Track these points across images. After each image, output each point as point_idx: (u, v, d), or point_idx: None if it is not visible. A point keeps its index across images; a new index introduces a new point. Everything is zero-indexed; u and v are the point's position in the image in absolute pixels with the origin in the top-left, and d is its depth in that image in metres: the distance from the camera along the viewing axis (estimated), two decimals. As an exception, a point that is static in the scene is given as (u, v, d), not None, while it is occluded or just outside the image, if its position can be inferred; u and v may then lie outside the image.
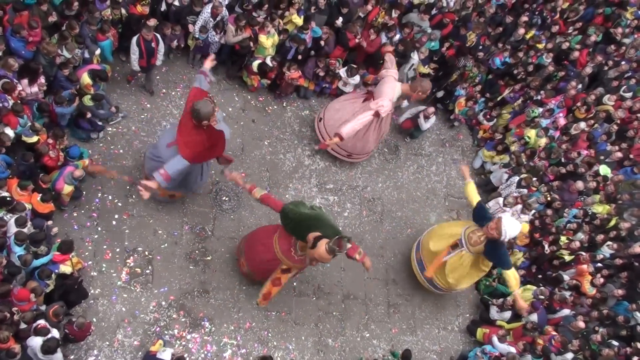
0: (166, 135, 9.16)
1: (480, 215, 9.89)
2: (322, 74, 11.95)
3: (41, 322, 8.28)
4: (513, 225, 9.36)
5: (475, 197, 10.07)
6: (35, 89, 9.45)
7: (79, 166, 9.42)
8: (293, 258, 8.79)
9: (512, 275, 9.88)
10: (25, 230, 8.61)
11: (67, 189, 9.31)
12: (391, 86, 10.63)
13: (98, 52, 10.33)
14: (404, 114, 12.71)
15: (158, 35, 10.46)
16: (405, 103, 12.47)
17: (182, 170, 8.63)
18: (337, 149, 11.58)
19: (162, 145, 9.03)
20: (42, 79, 9.49)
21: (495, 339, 10.48)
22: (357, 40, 11.70)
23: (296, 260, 8.79)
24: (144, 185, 8.54)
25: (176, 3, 10.72)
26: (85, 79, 9.84)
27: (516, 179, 11.84)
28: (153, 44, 10.37)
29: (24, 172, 9.19)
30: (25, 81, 9.30)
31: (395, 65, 10.78)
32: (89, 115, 10.07)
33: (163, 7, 10.82)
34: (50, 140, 9.48)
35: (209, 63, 8.85)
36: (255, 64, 11.34)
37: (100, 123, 10.43)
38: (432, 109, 12.22)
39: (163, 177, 8.51)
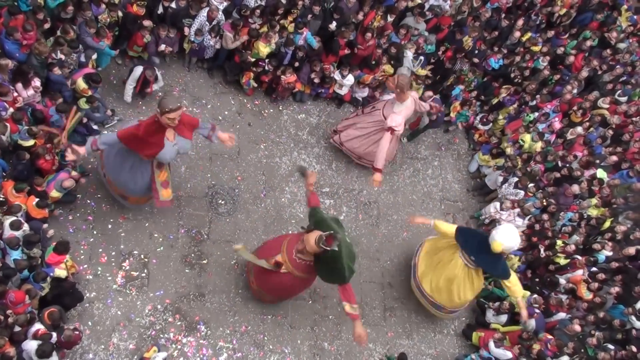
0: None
1: (465, 238, 9.88)
2: (317, 80, 11.96)
3: (40, 327, 8.26)
4: (511, 237, 9.34)
5: (449, 227, 10.05)
6: (30, 91, 9.45)
7: (70, 171, 9.39)
8: (291, 256, 8.82)
9: (516, 282, 9.85)
10: (18, 233, 8.59)
11: (54, 194, 9.30)
12: (403, 110, 10.86)
13: (95, 56, 10.34)
14: None
15: (158, 74, 10.76)
16: (425, 120, 12.41)
17: (111, 143, 8.55)
18: (349, 152, 11.84)
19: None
20: (36, 82, 9.48)
21: (491, 343, 10.46)
22: (346, 52, 11.81)
23: (292, 259, 8.81)
24: (73, 149, 8.51)
25: (173, 5, 10.73)
26: (81, 84, 9.85)
27: (514, 179, 11.86)
28: (150, 80, 10.65)
29: (21, 171, 9.17)
30: (19, 85, 9.29)
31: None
32: (84, 120, 10.07)
33: (160, 10, 10.83)
34: (48, 145, 9.45)
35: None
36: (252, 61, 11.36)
37: (95, 127, 10.43)
38: (429, 93, 12.12)
39: (91, 143, 8.51)
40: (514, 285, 9.88)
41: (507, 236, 9.41)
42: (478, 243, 9.82)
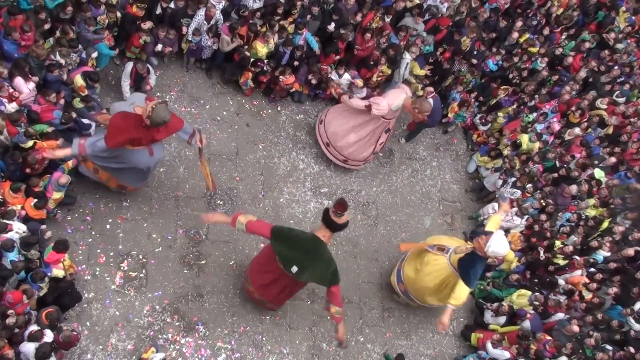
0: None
1: (477, 233, 9.76)
2: (314, 82, 11.95)
3: (34, 327, 8.25)
4: (500, 243, 9.05)
5: (494, 227, 9.62)
6: (31, 85, 9.41)
7: (64, 170, 9.37)
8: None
9: (464, 292, 9.44)
10: (11, 235, 8.56)
11: (56, 195, 9.28)
12: (396, 93, 10.80)
13: (95, 55, 10.33)
14: None
15: (150, 67, 10.79)
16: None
17: (101, 151, 8.62)
18: (335, 153, 11.66)
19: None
20: (34, 78, 9.48)
21: (489, 345, 10.45)
22: (343, 55, 11.86)
23: None
24: (50, 152, 8.67)
25: (172, 5, 10.72)
26: (79, 80, 9.85)
27: (512, 179, 11.87)
28: (144, 74, 10.66)
29: (14, 172, 9.15)
30: (19, 80, 9.26)
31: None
32: (74, 115, 10.03)
33: (158, 11, 10.82)
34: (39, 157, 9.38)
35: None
36: (250, 61, 11.34)
37: (86, 121, 10.32)
38: (431, 89, 12.08)
39: (79, 148, 8.61)
40: (461, 292, 9.43)
41: (502, 245, 9.27)
42: (480, 268, 9.70)
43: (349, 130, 11.33)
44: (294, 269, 8.53)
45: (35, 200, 9.06)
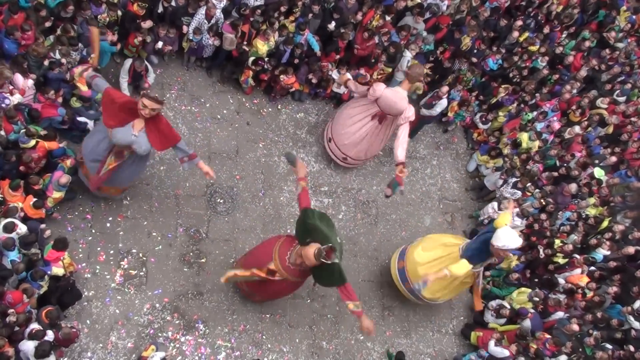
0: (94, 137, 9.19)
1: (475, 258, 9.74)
2: (315, 81, 11.96)
3: (35, 326, 8.26)
4: (508, 235, 9.12)
5: (463, 265, 9.62)
6: (30, 81, 9.42)
7: (64, 169, 9.37)
8: (285, 263, 8.58)
9: (462, 265, 9.54)
10: (12, 235, 8.57)
11: (56, 195, 9.29)
12: (399, 95, 10.70)
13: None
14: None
15: (149, 65, 10.79)
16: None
17: (100, 87, 8.62)
18: (336, 151, 11.66)
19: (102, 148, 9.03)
20: (32, 74, 9.48)
21: (492, 342, 10.43)
22: (343, 54, 11.84)
23: (286, 267, 8.56)
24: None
25: (172, 4, 10.72)
26: (79, 72, 9.82)
27: (513, 179, 11.87)
28: (141, 72, 10.64)
29: (9, 170, 9.14)
30: (18, 76, 9.27)
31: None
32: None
33: (160, 9, 10.83)
34: (35, 155, 9.37)
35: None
36: (251, 59, 11.33)
37: (82, 119, 10.30)
38: (446, 88, 12.10)
39: (90, 75, 8.73)
40: (459, 265, 9.56)
41: (510, 237, 9.29)
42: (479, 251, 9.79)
43: (353, 133, 11.35)
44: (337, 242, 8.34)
45: (35, 199, 9.06)
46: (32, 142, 9.22)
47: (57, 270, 8.87)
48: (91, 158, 9.11)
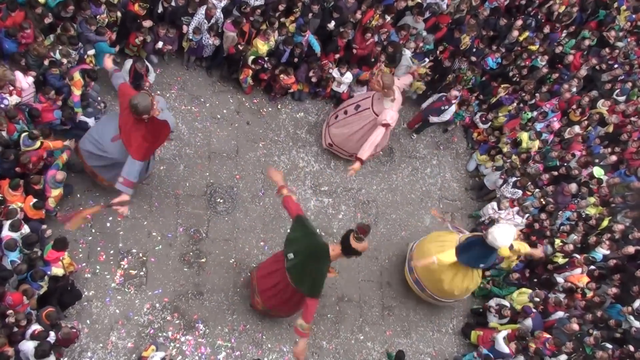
0: (106, 128, 9.16)
1: (467, 257, 9.81)
2: (314, 80, 11.95)
3: (37, 327, 8.26)
4: (503, 232, 9.19)
5: (450, 255, 9.83)
6: (30, 78, 9.41)
7: (59, 166, 9.36)
8: None
9: (450, 258, 9.67)
10: (17, 235, 8.57)
11: (55, 192, 9.29)
12: (397, 104, 10.70)
13: (92, 52, 10.32)
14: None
15: (149, 65, 10.80)
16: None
17: (140, 170, 8.68)
18: (340, 150, 11.74)
19: (106, 141, 9.03)
20: (31, 72, 9.47)
21: (500, 336, 10.36)
22: (342, 54, 11.85)
23: None
24: (118, 203, 8.54)
25: (172, 4, 10.72)
26: (76, 76, 9.82)
27: (513, 179, 11.87)
28: (142, 73, 10.64)
29: (8, 170, 9.12)
30: (19, 74, 9.25)
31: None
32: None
33: (160, 9, 10.82)
34: (44, 154, 9.37)
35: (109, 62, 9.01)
36: (251, 58, 11.33)
37: (83, 118, 10.26)
38: (455, 93, 12.06)
39: (126, 185, 8.54)
40: (449, 255, 9.71)
41: (506, 236, 9.34)
42: (478, 253, 9.81)
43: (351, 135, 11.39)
44: (290, 255, 8.34)
45: (35, 200, 9.05)
46: (37, 144, 9.21)
47: (57, 270, 8.87)
48: (91, 141, 9.27)
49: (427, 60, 12.34)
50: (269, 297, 9.28)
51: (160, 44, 10.89)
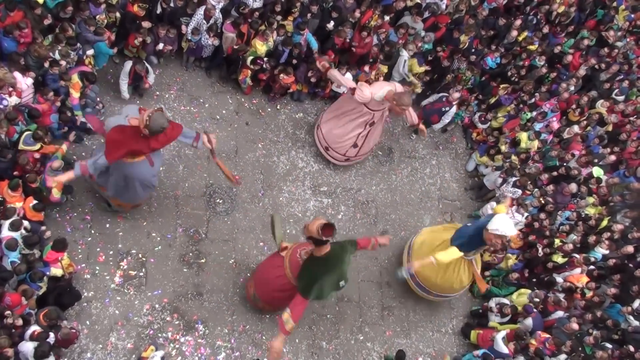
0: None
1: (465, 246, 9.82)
2: (313, 80, 11.95)
3: (36, 328, 8.25)
4: (504, 221, 9.19)
5: (452, 252, 9.70)
6: (29, 79, 9.40)
7: (58, 157, 9.34)
8: (295, 255, 8.60)
9: (452, 252, 9.60)
10: (17, 234, 8.56)
11: (55, 182, 9.26)
12: (382, 85, 10.73)
13: (91, 52, 10.32)
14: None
15: (149, 66, 10.71)
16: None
17: (102, 167, 8.49)
18: (335, 155, 11.69)
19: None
20: (30, 73, 9.47)
21: (499, 336, 10.36)
22: (350, 45, 11.76)
23: (294, 257, 8.56)
24: (55, 179, 8.47)
25: (171, 5, 10.72)
26: (75, 78, 9.82)
27: (512, 178, 11.88)
28: (142, 74, 10.60)
29: (5, 170, 9.12)
30: (18, 74, 9.25)
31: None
32: (68, 113, 10.02)
33: (158, 10, 10.82)
34: (37, 155, 9.33)
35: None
36: (250, 59, 11.33)
37: (83, 119, 10.27)
38: (457, 94, 12.11)
39: (81, 169, 8.38)
40: (448, 251, 9.61)
41: (505, 224, 9.30)
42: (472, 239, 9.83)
43: (333, 123, 11.41)
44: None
45: (35, 202, 9.05)
46: (38, 146, 9.21)
47: (56, 271, 8.87)
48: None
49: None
50: (264, 287, 9.34)
51: (160, 45, 10.89)
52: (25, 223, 8.78)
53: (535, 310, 10.69)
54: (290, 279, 8.58)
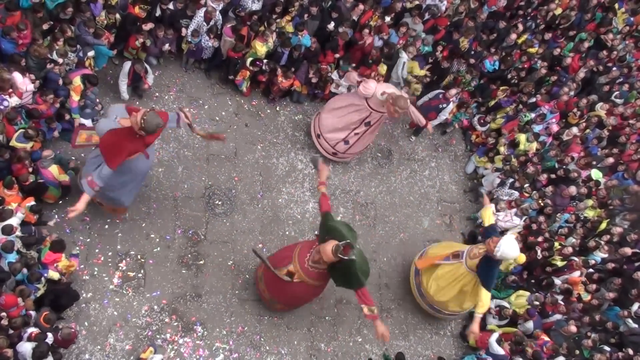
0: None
1: (489, 234, 9.81)
2: (314, 80, 11.96)
3: (34, 330, 8.23)
4: (511, 245, 9.23)
5: (490, 219, 10.04)
6: (30, 85, 9.39)
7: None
8: (304, 265, 8.85)
9: (487, 298, 9.64)
10: (13, 237, 8.54)
11: (54, 169, 9.31)
12: (388, 86, 10.86)
13: (92, 54, 10.32)
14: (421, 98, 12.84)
15: (148, 67, 10.73)
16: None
17: (108, 176, 8.43)
18: (325, 144, 11.69)
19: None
20: (30, 75, 9.45)
21: (493, 338, 10.36)
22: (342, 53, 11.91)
23: (305, 268, 8.84)
24: (73, 209, 8.38)
25: (171, 7, 10.72)
26: (77, 81, 9.82)
27: (511, 180, 11.88)
28: (141, 74, 10.60)
29: (2, 169, 9.09)
30: (18, 75, 9.24)
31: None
32: (67, 116, 10.03)
33: (158, 12, 10.82)
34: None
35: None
36: (249, 60, 11.33)
37: (83, 121, 10.25)
38: (454, 91, 12.20)
39: (89, 185, 8.40)
40: (485, 298, 9.63)
41: (512, 248, 9.35)
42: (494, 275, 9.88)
43: (332, 113, 11.44)
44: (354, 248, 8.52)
45: (32, 203, 9.03)
46: (30, 144, 9.22)
47: (53, 274, 8.84)
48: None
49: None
50: (277, 290, 9.50)
51: (166, 46, 10.90)
52: (18, 215, 8.76)
53: (536, 313, 10.70)
54: (314, 284, 9.05)
